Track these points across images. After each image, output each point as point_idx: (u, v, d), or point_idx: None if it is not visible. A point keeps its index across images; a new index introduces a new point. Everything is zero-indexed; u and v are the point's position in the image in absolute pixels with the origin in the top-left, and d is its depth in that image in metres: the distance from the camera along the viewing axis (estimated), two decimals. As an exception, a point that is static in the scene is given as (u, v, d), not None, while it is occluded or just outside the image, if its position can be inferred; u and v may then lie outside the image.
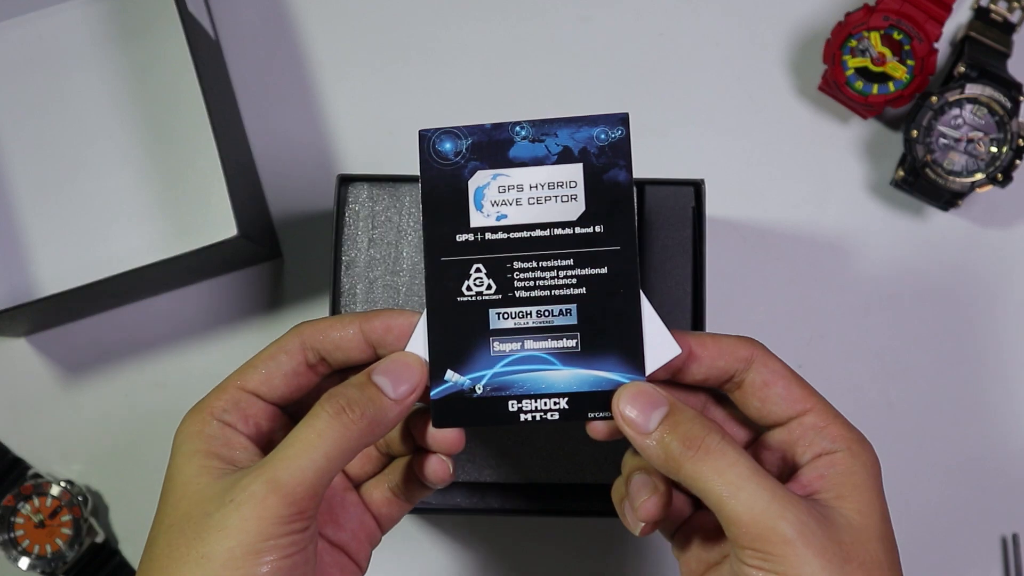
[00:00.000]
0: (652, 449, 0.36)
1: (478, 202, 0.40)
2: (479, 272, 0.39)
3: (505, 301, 0.39)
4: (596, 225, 0.39)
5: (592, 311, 0.39)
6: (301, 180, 0.61)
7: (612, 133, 0.39)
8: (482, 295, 0.39)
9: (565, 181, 0.39)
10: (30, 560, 0.57)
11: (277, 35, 0.62)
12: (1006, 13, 0.60)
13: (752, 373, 0.38)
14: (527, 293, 0.39)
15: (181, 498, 0.36)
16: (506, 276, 0.39)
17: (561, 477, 0.50)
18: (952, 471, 0.59)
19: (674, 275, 0.50)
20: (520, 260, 0.39)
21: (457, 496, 0.50)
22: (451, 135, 0.40)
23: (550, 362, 0.39)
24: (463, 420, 0.39)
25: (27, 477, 0.58)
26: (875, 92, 0.58)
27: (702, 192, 0.50)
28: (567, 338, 0.39)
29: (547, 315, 0.39)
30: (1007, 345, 0.60)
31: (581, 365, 0.39)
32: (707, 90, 0.62)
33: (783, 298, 0.60)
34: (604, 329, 0.39)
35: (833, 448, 0.37)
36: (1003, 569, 0.59)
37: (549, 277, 0.39)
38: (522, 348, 0.39)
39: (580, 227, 0.39)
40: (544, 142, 0.40)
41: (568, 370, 0.39)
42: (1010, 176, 0.57)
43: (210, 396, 0.38)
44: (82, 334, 0.60)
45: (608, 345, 0.39)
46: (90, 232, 0.61)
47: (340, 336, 0.38)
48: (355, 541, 0.41)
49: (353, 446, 0.36)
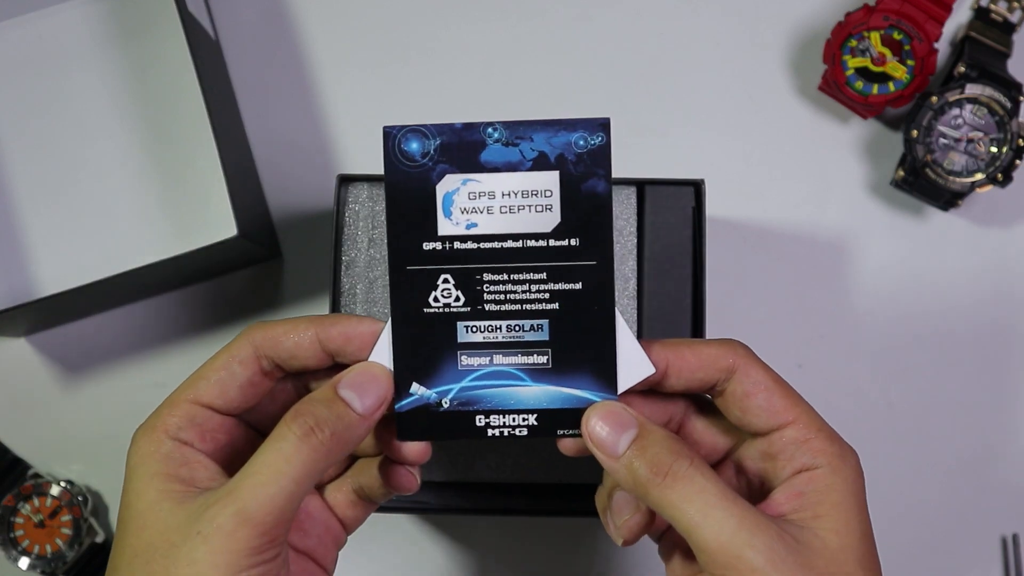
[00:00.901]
0: (620, 473, 0.36)
1: (447, 209, 0.37)
2: (447, 283, 0.38)
3: (474, 314, 0.37)
4: (571, 238, 0.37)
5: (564, 327, 0.37)
6: (301, 180, 0.61)
7: (592, 139, 0.37)
8: (450, 307, 0.37)
9: (540, 190, 0.37)
10: (30, 560, 0.57)
11: (277, 35, 0.62)
12: (1006, 13, 0.60)
13: (733, 383, 0.37)
14: (497, 307, 0.37)
15: (143, 527, 0.34)
16: (475, 288, 0.37)
17: (561, 477, 0.50)
18: (952, 471, 0.59)
19: (674, 275, 0.50)
20: (491, 272, 0.37)
21: (457, 496, 0.50)
22: (418, 134, 0.38)
23: (519, 378, 0.38)
24: (428, 434, 0.38)
25: (27, 477, 0.58)
26: (875, 92, 0.58)
27: (702, 192, 0.50)
28: (538, 354, 0.38)
29: (518, 330, 0.38)
30: (1007, 345, 0.60)
31: (551, 382, 0.38)
32: (707, 90, 0.62)
33: (783, 298, 0.60)
34: (576, 346, 0.37)
35: (813, 463, 0.36)
36: (1003, 569, 0.59)
37: (521, 291, 0.38)
38: (491, 363, 0.38)
39: (555, 239, 0.37)
40: (519, 146, 0.37)
41: (538, 386, 0.38)
42: (1010, 176, 0.57)
43: (161, 412, 0.37)
44: (82, 334, 0.60)
45: (580, 362, 0.37)
46: (90, 232, 0.61)
47: (295, 344, 0.37)
48: (321, 546, 0.40)
49: (321, 467, 0.35)
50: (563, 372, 0.37)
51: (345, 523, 0.40)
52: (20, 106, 0.62)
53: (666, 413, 0.39)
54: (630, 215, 0.51)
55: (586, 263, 0.37)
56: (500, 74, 0.62)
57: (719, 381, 0.37)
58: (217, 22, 0.62)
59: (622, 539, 0.38)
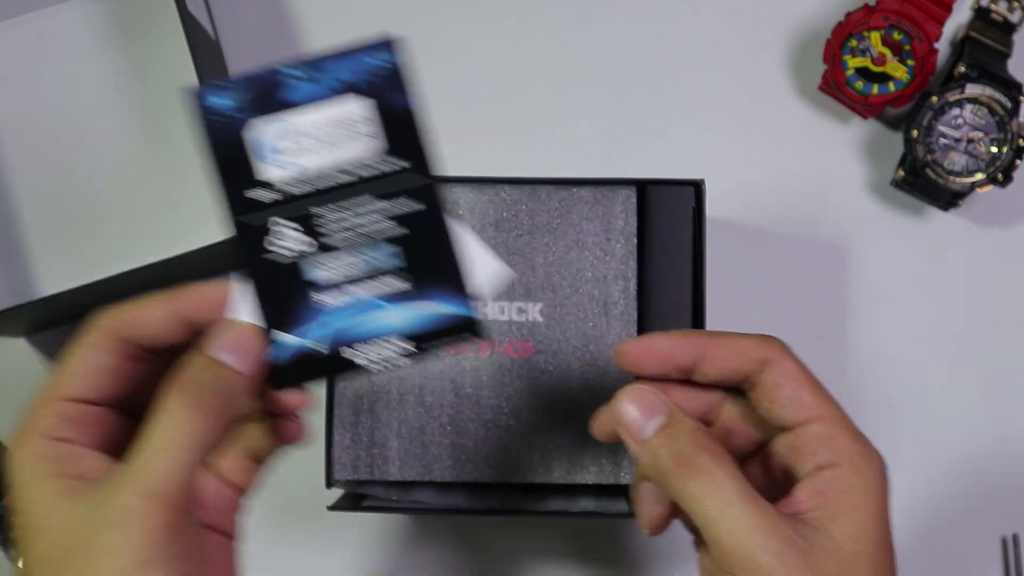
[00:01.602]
0: (645, 458, 0.36)
1: (262, 154, 0.37)
2: (282, 226, 0.37)
3: (319, 253, 0.37)
4: (401, 160, 0.37)
5: (413, 248, 0.37)
6: (301, 180, 0.61)
7: (388, 60, 0.38)
8: (291, 250, 0.37)
9: (355, 118, 0.37)
10: (30, 560, 0.57)
11: (277, 35, 0.62)
12: (1006, 13, 0.60)
13: (765, 374, 0.37)
14: (343, 241, 0.37)
15: (45, 530, 0.33)
16: (314, 227, 0.37)
17: (561, 477, 0.50)
18: (952, 471, 0.59)
19: (674, 275, 0.50)
20: (326, 208, 0.37)
21: (457, 496, 0.50)
22: (221, 89, 0.37)
23: (382, 306, 0.37)
24: (304, 378, 0.37)
25: (27, 477, 0.58)
26: (875, 92, 0.58)
27: (702, 192, 0.50)
28: (394, 279, 0.37)
29: (370, 260, 0.37)
30: (1007, 345, 0.60)
31: (414, 304, 0.37)
32: (707, 90, 0.62)
33: (783, 298, 0.60)
34: (429, 264, 0.37)
35: (835, 461, 0.36)
36: (1003, 569, 0.59)
37: (363, 221, 0.37)
38: (350, 297, 0.37)
39: (385, 165, 0.37)
40: (320, 81, 0.37)
41: (402, 311, 0.37)
42: (1010, 176, 0.57)
43: (32, 415, 0.35)
44: (82, 334, 0.60)
45: (436, 279, 0.37)
46: (90, 232, 0.61)
47: (153, 323, 0.36)
48: (221, 515, 0.39)
49: (215, 433, 0.34)
50: (423, 292, 0.37)
51: (239, 487, 0.39)
52: (20, 106, 0.62)
53: (701, 403, 0.39)
54: (630, 215, 0.51)
55: (421, 183, 0.37)
56: (500, 74, 0.62)
57: (752, 372, 0.37)
58: (217, 22, 0.62)
59: (647, 529, 0.39)
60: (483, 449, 0.50)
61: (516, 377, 0.50)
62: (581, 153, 0.61)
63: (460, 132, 0.61)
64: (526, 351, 0.50)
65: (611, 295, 0.50)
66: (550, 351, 0.50)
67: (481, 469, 0.50)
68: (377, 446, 0.50)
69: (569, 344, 0.50)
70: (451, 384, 0.50)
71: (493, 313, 0.50)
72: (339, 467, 0.50)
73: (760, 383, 0.37)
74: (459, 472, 0.50)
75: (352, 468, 0.50)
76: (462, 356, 0.50)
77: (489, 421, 0.50)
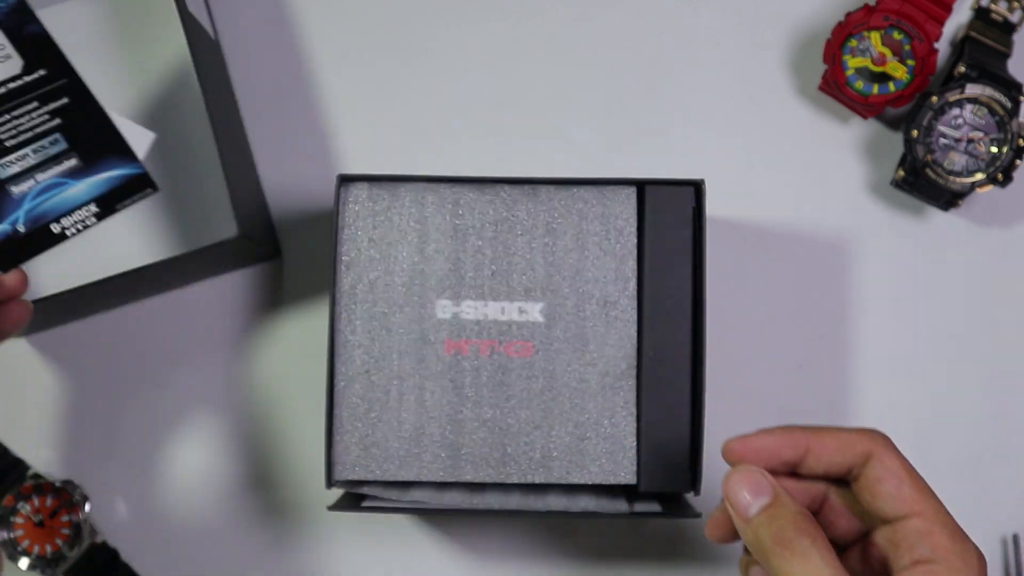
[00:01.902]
0: (747, 535, 0.37)
1: None
2: None
3: (3, 155, 0.49)
4: (38, 71, 0.51)
5: (74, 133, 0.49)
6: (301, 180, 0.61)
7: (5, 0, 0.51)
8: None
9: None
10: (30, 560, 0.57)
11: (277, 35, 0.62)
12: (1006, 13, 0.60)
13: (868, 468, 0.38)
14: (14, 140, 0.49)
15: None
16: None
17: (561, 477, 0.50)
18: (952, 471, 0.59)
19: (674, 275, 0.50)
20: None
21: (457, 496, 0.50)
22: None
23: (65, 183, 0.50)
24: (18, 258, 0.47)
25: (27, 477, 0.58)
26: (875, 92, 0.58)
27: (702, 192, 0.50)
28: (67, 159, 0.50)
29: (41, 150, 0.50)
30: (1007, 345, 0.60)
31: (91, 175, 0.50)
32: (707, 90, 0.62)
33: (783, 298, 0.60)
34: (91, 142, 0.49)
35: (932, 557, 0.36)
36: (1003, 569, 0.59)
37: (26, 123, 0.50)
38: (36, 182, 0.49)
39: (27, 76, 0.52)
40: None
41: (83, 183, 0.50)
42: (1010, 176, 0.57)
43: None
44: (82, 334, 0.60)
45: (101, 154, 0.49)
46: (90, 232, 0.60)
47: None
48: None
49: None
50: (94, 164, 0.49)
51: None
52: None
53: (807, 494, 0.40)
54: (630, 215, 0.51)
55: (59, 84, 0.51)
56: (500, 74, 0.62)
57: (856, 466, 0.39)
58: (217, 22, 0.62)
59: None
60: (483, 449, 0.50)
61: (516, 377, 0.50)
62: (581, 153, 0.61)
63: (460, 132, 0.62)
64: (526, 351, 0.50)
65: (611, 295, 0.50)
66: (550, 351, 0.50)
67: (481, 469, 0.50)
68: (377, 446, 0.50)
69: (569, 344, 0.50)
70: (451, 384, 0.50)
71: (493, 313, 0.50)
72: (339, 467, 0.50)
73: (863, 476, 0.38)
74: (459, 472, 0.50)
75: (352, 468, 0.50)
76: (462, 356, 0.50)
77: (489, 421, 0.50)
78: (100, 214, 0.48)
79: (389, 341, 0.50)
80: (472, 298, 0.50)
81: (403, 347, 0.50)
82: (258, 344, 0.60)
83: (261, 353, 0.60)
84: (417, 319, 0.50)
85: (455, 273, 0.51)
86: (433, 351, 0.50)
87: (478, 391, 0.50)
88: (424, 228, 0.51)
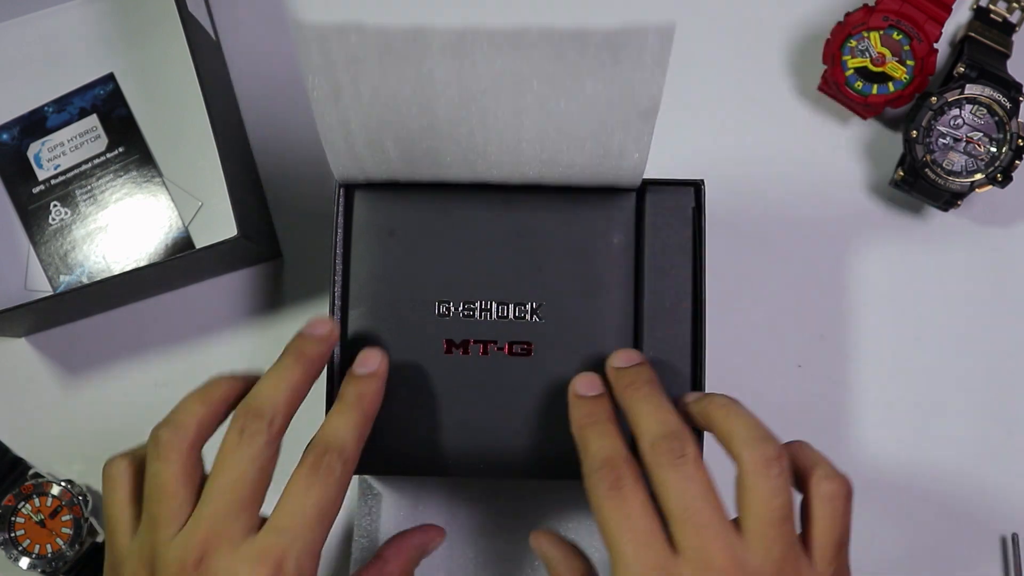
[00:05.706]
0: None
1: (38, 162, 0.60)
2: (56, 207, 0.60)
3: (80, 217, 0.60)
4: (118, 148, 0.60)
5: (135, 194, 0.61)
6: (301, 180, 0.61)
7: (105, 89, 0.60)
8: (64, 220, 0.60)
9: (89, 128, 0.60)
10: (30, 560, 0.57)
11: (277, 35, 0.62)
12: (1006, 13, 0.60)
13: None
14: (93, 205, 0.60)
15: None
16: (75, 201, 0.60)
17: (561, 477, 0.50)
18: (952, 471, 0.59)
19: (674, 275, 0.50)
20: (77, 188, 0.60)
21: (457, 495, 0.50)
22: (3, 128, 0.61)
23: None
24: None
25: (27, 477, 0.58)
26: (875, 92, 0.58)
27: (702, 192, 0.50)
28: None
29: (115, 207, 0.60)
30: (1007, 345, 0.60)
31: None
32: (707, 90, 0.62)
33: (783, 298, 0.60)
34: (147, 207, 0.60)
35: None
36: (1003, 569, 0.59)
37: (104, 186, 0.60)
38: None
39: (109, 153, 0.60)
40: (66, 109, 0.60)
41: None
42: (1010, 176, 0.57)
43: None
44: (82, 334, 0.60)
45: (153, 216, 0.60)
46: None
47: None
48: None
49: None
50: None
51: None
52: (20, 106, 0.62)
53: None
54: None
55: (132, 157, 0.60)
56: (500, 74, 0.62)
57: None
58: (217, 22, 0.62)
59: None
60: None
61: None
62: (581, 153, 0.61)
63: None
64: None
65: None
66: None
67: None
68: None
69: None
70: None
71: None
72: (339, 467, 0.50)
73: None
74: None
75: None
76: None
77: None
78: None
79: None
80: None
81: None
82: (259, 344, 0.60)
83: (261, 353, 0.60)
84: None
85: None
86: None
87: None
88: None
